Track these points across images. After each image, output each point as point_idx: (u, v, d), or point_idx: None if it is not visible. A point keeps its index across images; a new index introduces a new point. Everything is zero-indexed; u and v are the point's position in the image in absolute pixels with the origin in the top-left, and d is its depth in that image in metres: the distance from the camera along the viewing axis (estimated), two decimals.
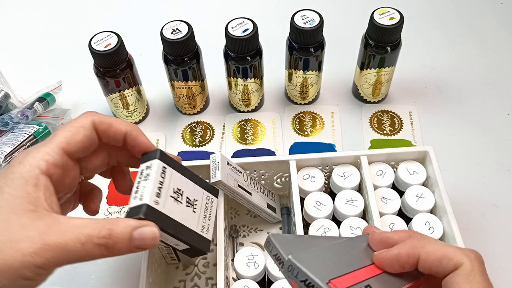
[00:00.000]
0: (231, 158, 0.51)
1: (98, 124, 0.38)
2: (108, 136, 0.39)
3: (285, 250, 0.32)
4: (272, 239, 0.33)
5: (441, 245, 0.33)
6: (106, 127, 0.38)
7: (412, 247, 0.33)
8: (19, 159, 0.35)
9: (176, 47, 0.58)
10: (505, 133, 0.65)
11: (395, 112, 0.68)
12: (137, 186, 0.39)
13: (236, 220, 0.57)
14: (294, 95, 0.68)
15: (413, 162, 0.52)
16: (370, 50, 0.60)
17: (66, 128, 0.37)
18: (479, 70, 0.73)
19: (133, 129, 0.40)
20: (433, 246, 0.32)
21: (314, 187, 0.51)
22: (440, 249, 0.32)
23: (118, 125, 0.39)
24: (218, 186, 0.47)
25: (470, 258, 0.31)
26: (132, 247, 0.34)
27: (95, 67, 0.60)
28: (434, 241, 0.34)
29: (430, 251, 0.32)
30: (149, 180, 0.39)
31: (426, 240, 0.34)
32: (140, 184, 0.39)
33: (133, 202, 0.38)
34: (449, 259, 0.31)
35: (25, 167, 0.34)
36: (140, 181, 0.39)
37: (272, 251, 0.33)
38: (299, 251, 0.31)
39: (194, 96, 0.66)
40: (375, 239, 0.35)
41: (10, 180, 0.34)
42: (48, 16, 0.85)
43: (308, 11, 0.58)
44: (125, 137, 0.40)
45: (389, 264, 0.33)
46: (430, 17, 0.81)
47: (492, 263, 0.53)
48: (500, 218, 0.57)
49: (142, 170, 0.40)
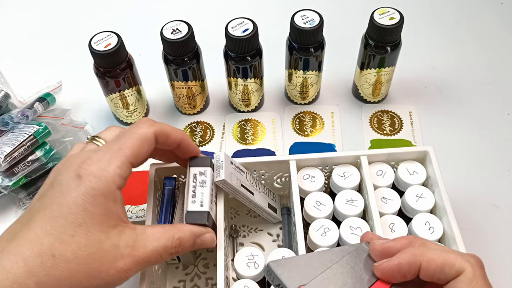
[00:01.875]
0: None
1: (159, 135, 0.39)
2: (164, 144, 0.41)
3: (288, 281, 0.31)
4: (273, 268, 0.32)
5: (442, 251, 0.32)
6: (165, 138, 0.40)
7: (413, 255, 0.32)
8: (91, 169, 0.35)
9: (176, 47, 0.58)
10: (505, 133, 0.65)
11: (395, 112, 0.68)
12: (193, 191, 0.44)
13: (236, 220, 0.57)
14: (294, 95, 0.68)
15: (413, 162, 0.52)
16: (370, 50, 0.60)
17: (131, 138, 0.38)
18: (479, 70, 0.73)
19: (186, 137, 0.43)
20: (433, 252, 0.32)
21: (314, 187, 0.51)
22: (441, 255, 0.32)
23: (174, 134, 0.41)
24: (221, 185, 0.47)
25: (472, 264, 0.31)
26: (194, 248, 0.40)
27: (95, 67, 0.60)
28: (435, 246, 0.33)
29: (431, 258, 0.32)
30: (206, 188, 0.44)
31: (427, 246, 0.33)
32: (197, 190, 0.44)
33: (192, 206, 0.43)
34: (450, 266, 0.31)
35: (103, 183, 0.35)
36: (196, 186, 0.44)
37: (274, 281, 0.32)
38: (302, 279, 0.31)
39: (194, 96, 0.66)
40: (377, 250, 0.35)
41: (92, 197, 0.34)
42: (48, 16, 0.85)
43: (308, 11, 0.58)
44: (180, 145, 0.42)
45: (390, 274, 0.33)
46: (430, 17, 0.81)
47: (492, 263, 0.53)
48: (500, 218, 0.57)
49: (195, 175, 0.45)
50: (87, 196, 0.34)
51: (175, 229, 0.39)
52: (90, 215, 0.34)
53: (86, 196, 0.34)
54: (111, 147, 0.37)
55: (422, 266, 0.32)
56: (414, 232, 0.47)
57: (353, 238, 0.47)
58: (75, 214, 0.34)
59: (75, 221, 0.33)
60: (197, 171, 0.45)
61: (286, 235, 0.54)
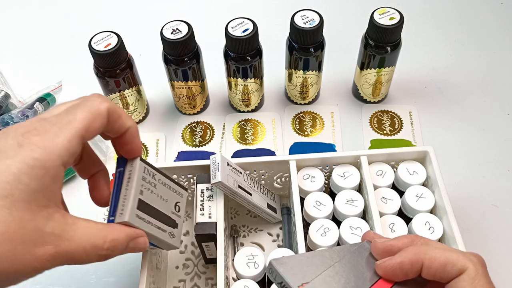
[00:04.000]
0: (231, 159, 0.51)
1: (111, 113, 0.35)
2: (112, 125, 0.36)
3: (291, 279, 0.31)
4: (276, 266, 0.32)
5: (444, 250, 0.32)
6: (116, 117, 0.36)
7: (415, 254, 0.32)
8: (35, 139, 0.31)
9: (176, 47, 0.58)
10: (505, 133, 0.65)
11: (395, 112, 0.68)
12: (201, 204, 0.48)
13: (236, 220, 0.57)
14: (294, 95, 0.68)
15: (413, 162, 0.52)
16: (370, 50, 0.60)
17: (83, 112, 0.34)
18: (479, 70, 0.73)
19: (135, 128, 0.38)
20: (435, 251, 0.32)
21: (314, 187, 0.51)
22: (443, 254, 0.32)
23: (125, 117, 0.37)
24: (218, 187, 0.47)
25: (474, 263, 0.31)
26: (125, 253, 0.36)
27: (95, 67, 0.60)
28: (436, 245, 0.33)
29: (433, 257, 0.32)
30: (214, 201, 0.48)
31: (429, 245, 0.33)
32: (205, 203, 0.48)
33: (201, 218, 0.47)
34: (453, 264, 0.31)
35: (47, 154, 0.30)
36: (204, 200, 0.48)
37: (276, 279, 0.32)
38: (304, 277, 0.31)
39: (194, 96, 0.66)
40: (378, 249, 0.35)
41: (30, 168, 0.30)
42: (49, 16, 0.85)
43: (308, 11, 0.58)
44: (125, 133, 0.37)
45: (392, 273, 0.33)
46: (430, 17, 0.81)
47: (492, 263, 0.53)
48: (500, 218, 0.57)
49: (203, 190, 0.49)
50: (24, 165, 0.29)
51: (111, 229, 0.35)
52: (21, 187, 0.29)
53: (23, 165, 0.29)
54: (60, 119, 0.33)
55: (424, 264, 0.32)
56: (414, 232, 0.47)
57: (353, 238, 0.47)
58: (3, 182, 0.29)
59: (1, 191, 0.29)
60: (204, 187, 0.49)
61: (286, 235, 0.54)
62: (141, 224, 0.38)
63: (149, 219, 0.39)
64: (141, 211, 0.38)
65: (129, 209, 0.37)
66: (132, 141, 0.38)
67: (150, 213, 0.39)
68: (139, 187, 0.38)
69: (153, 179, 0.40)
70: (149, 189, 0.40)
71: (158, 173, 0.41)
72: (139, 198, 0.38)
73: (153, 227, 0.39)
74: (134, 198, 0.37)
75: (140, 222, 0.38)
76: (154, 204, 0.40)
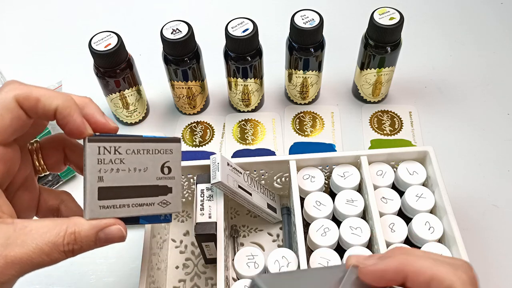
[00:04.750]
0: (231, 159, 0.51)
1: (23, 101, 0.31)
2: (35, 114, 0.32)
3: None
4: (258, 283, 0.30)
5: (432, 263, 0.30)
6: (33, 103, 0.31)
7: (400, 264, 0.30)
8: None
9: (176, 47, 0.58)
10: (505, 133, 0.65)
11: (395, 112, 0.68)
12: (201, 204, 0.48)
13: (236, 220, 0.57)
14: (294, 95, 0.68)
15: (413, 162, 0.52)
16: (370, 50, 0.60)
17: None
18: (479, 70, 0.73)
19: (68, 105, 0.32)
20: (423, 263, 0.29)
21: (314, 187, 0.51)
22: (431, 268, 0.29)
23: (46, 99, 0.32)
24: (218, 187, 0.47)
25: (462, 281, 0.29)
26: (99, 245, 0.33)
27: (95, 67, 0.60)
28: (425, 256, 0.30)
29: (419, 269, 0.29)
30: (214, 201, 0.48)
31: (417, 255, 0.30)
32: (205, 203, 0.48)
33: (201, 218, 0.47)
34: (439, 282, 0.29)
35: None
36: (204, 200, 0.48)
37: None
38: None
39: (194, 96, 0.66)
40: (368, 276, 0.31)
41: None
42: (49, 16, 0.85)
43: (308, 11, 0.58)
44: (55, 115, 0.32)
45: (373, 278, 0.31)
46: (430, 17, 0.81)
47: (492, 263, 0.53)
48: (500, 218, 0.57)
49: (203, 190, 0.49)
50: None
51: (70, 222, 0.31)
52: None
53: None
54: None
55: (408, 277, 0.29)
56: (414, 232, 0.47)
57: (353, 238, 0.47)
58: None
59: None
60: (204, 187, 0.49)
61: (286, 235, 0.54)
62: (110, 213, 0.34)
63: (121, 202, 0.35)
64: (107, 199, 0.34)
65: (87, 205, 0.33)
66: (67, 121, 0.32)
67: (121, 195, 0.35)
68: (94, 174, 0.33)
69: (116, 155, 0.34)
70: (112, 170, 0.34)
71: (125, 143, 0.35)
72: (99, 187, 0.33)
73: (131, 209, 0.35)
74: (90, 191, 0.33)
75: (109, 212, 0.34)
76: (126, 182, 0.35)
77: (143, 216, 0.36)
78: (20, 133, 0.32)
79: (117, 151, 0.34)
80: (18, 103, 0.31)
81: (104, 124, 0.34)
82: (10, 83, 0.32)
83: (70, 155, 0.37)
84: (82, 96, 0.34)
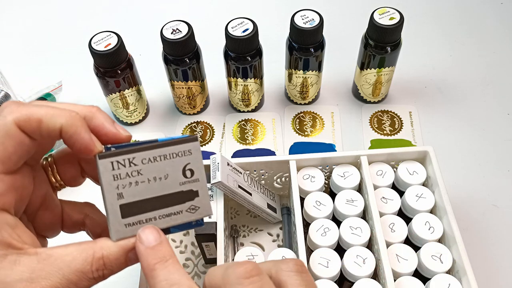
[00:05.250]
0: (231, 159, 0.51)
1: (24, 124, 0.28)
2: (40, 136, 0.29)
3: None
4: None
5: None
6: (35, 124, 0.29)
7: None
8: None
9: (176, 47, 0.58)
10: (505, 133, 0.65)
11: (395, 112, 0.68)
12: None
13: (236, 220, 0.57)
14: (294, 95, 0.68)
15: (413, 162, 0.52)
16: (370, 50, 0.60)
17: None
18: (479, 70, 0.73)
19: (74, 122, 0.29)
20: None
21: (314, 187, 0.51)
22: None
23: (48, 119, 0.29)
24: (218, 187, 0.47)
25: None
26: (130, 265, 0.31)
27: (95, 67, 0.60)
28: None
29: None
30: (213, 201, 0.48)
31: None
32: None
33: None
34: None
35: None
36: None
37: None
38: None
39: (194, 96, 0.66)
40: None
41: None
42: (48, 16, 0.85)
43: (308, 11, 0.58)
44: (61, 135, 0.29)
45: None
46: (430, 17, 0.81)
47: (492, 263, 0.53)
48: (500, 218, 0.57)
49: None
50: None
51: (96, 246, 0.29)
52: None
53: None
54: None
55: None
56: (414, 232, 0.47)
57: (353, 238, 0.47)
58: None
59: None
60: None
61: (286, 235, 0.54)
62: (137, 230, 0.32)
63: (147, 216, 0.32)
64: (131, 216, 0.32)
65: (111, 226, 0.31)
66: (74, 140, 0.29)
67: (145, 208, 0.32)
68: (113, 192, 0.31)
69: (132, 167, 0.32)
70: (130, 184, 0.32)
71: (139, 152, 0.32)
72: (120, 204, 0.31)
73: (158, 221, 0.33)
74: (111, 211, 0.31)
75: (135, 228, 0.32)
76: (147, 194, 0.32)
77: (168, 229, 0.34)
78: (26, 157, 0.30)
79: (132, 163, 0.32)
80: (19, 127, 0.28)
81: (115, 134, 0.31)
82: (7, 105, 0.29)
83: (86, 168, 0.35)
84: (88, 106, 0.31)
